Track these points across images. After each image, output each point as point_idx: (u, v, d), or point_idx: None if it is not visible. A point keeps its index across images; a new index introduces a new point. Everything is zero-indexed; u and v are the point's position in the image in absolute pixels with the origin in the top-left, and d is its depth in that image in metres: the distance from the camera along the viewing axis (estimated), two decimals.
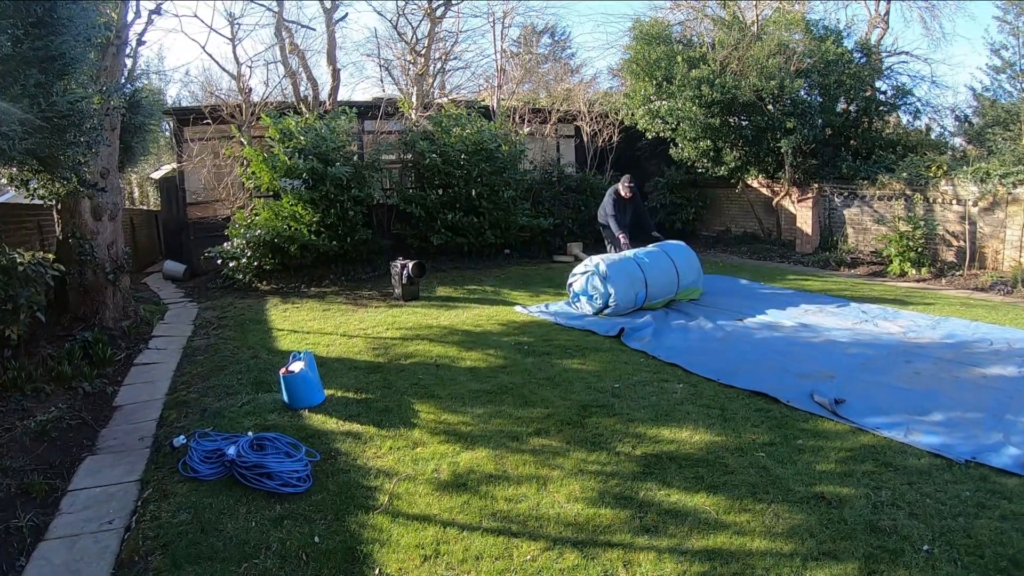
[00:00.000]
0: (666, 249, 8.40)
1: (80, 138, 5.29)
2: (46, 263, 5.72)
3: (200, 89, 20.67)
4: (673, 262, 8.20)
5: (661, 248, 8.42)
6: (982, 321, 6.96)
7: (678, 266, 8.21)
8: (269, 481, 3.59)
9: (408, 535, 3.12)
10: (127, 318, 7.54)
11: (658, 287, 7.91)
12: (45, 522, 3.36)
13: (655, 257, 8.13)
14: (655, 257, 8.13)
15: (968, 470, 3.56)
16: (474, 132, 11.88)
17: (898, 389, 4.87)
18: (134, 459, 4.11)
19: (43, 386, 5.11)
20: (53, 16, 4.58)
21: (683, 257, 8.40)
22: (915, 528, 2.99)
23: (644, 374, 5.47)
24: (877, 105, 12.92)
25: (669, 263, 8.16)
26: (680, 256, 8.39)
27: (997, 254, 9.75)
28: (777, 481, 3.50)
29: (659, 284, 7.93)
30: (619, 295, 7.52)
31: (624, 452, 3.96)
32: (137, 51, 7.94)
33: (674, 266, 8.16)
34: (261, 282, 10.56)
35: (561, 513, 3.28)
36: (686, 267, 8.31)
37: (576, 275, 8.06)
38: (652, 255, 8.15)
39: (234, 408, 4.88)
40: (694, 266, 8.44)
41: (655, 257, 8.13)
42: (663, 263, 8.11)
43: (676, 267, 8.17)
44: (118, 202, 7.68)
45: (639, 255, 8.08)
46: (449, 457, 3.97)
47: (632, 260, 7.93)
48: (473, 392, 5.11)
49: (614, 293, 7.52)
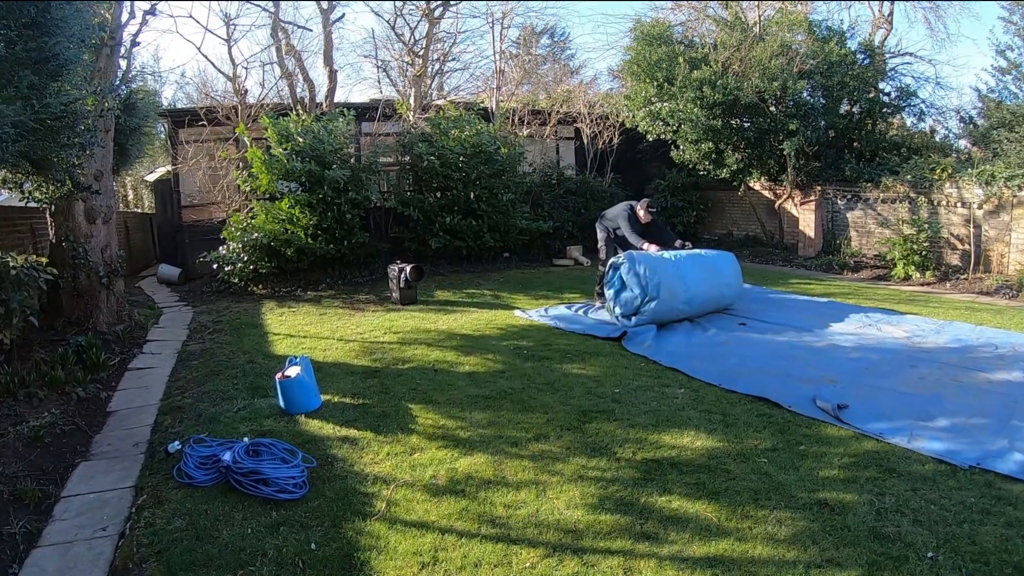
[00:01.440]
0: (716, 263, 7.72)
1: (74, 140, 5.30)
2: (39, 267, 5.73)
3: (195, 91, 20.80)
4: (720, 278, 7.64)
5: (714, 261, 7.72)
6: (987, 325, 6.97)
7: (725, 284, 7.68)
8: (265, 487, 3.59)
9: (406, 542, 3.12)
10: (121, 322, 7.55)
11: (701, 304, 7.40)
12: (38, 529, 3.35)
13: (706, 270, 7.47)
14: (706, 270, 7.47)
15: (973, 476, 3.57)
16: (473, 134, 11.90)
17: (902, 394, 4.88)
18: (128, 465, 4.11)
19: (36, 391, 5.11)
20: (47, 17, 4.60)
21: (732, 273, 7.82)
22: (919, 535, 2.99)
23: (645, 379, 5.48)
24: (881, 107, 12.97)
25: (716, 278, 7.57)
26: (730, 273, 7.79)
27: (1002, 257, 9.78)
28: (779, 487, 3.51)
29: (703, 301, 7.41)
30: (658, 305, 6.93)
31: (624, 458, 3.96)
32: (132, 52, 7.99)
33: (720, 282, 7.62)
34: (257, 286, 10.57)
35: (561, 520, 3.28)
36: (734, 282, 7.83)
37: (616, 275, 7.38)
38: (702, 265, 7.51)
39: (230, 413, 4.89)
40: (739, 281, 7.96)
41: (706, 270, 7.47)
42: (711, 278, 7.49)
43: (722, 284, 7.65)
44: (112, 205, 7.70)
45: (688, 265, 7.35)
46: (447, 463, 3.97)
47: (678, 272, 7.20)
48: (472, 397, 5.12)
49: (653, 303, 6.92)
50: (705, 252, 7.95)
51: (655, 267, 7.05)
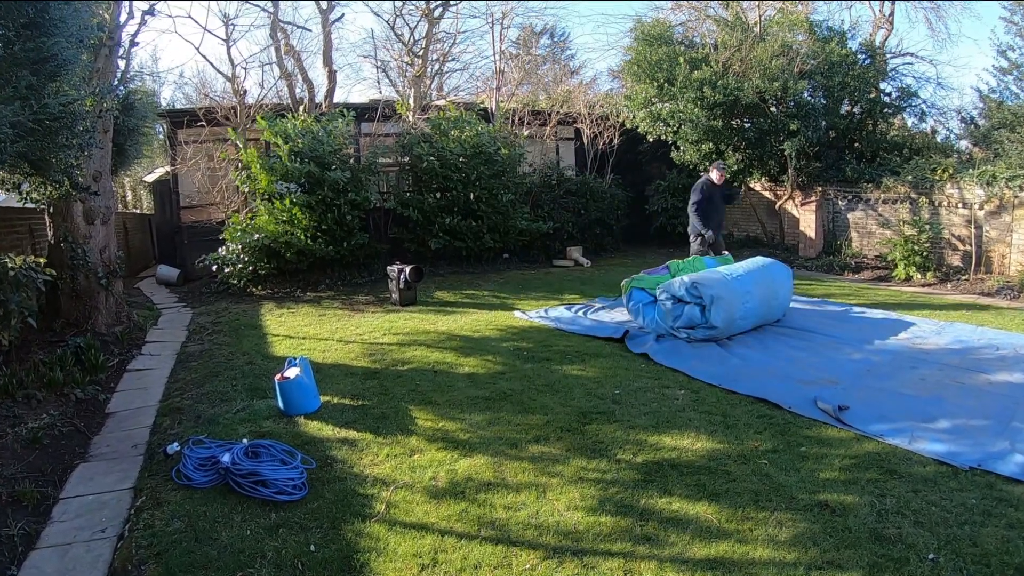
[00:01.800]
0: (772, 275, 7.23)
1: (72, 141, 5.31)
2: (37, 267, 5.73)
3: (194, 91, 20.83)
4: (776, 294, 7.18)
5: (767, 274, 7.20)
6: (988, 326, 6.98)
7: (778, 306, 7.29)
8: (264, 489, 3.59)
9: (405, 544, 3.13)
10: (120, 323, 7.56)
11: (755, 320, 7.00)
12: (37, 530, 3.36)
13: (759, 285, 6.96)
14: (759, 285, 6.96)
15: (974, 478, 3.57)
16: (472, 135, 11.92)
17: (903, 395, 4.88)
18: (127, 466, 4.12)
19: (35, 392, 5.11)
20: (45, 17, 4.60)
21: (786, 288, 7.39)
22: (920, 536, 3.00)
23: (645, 380, 5.49)
24: (882, 107, 12.98)
25: (771, 294, 7.10)
26: (784, 287, 7.34)
27: (1004, 258, 9.78)
28: (780, 489, 3.51)
29: (757, 317, 7.00)
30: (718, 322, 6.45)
31: (625, 459, 3.97)
32: (130, 52, 7.98)
33: (773, 297, 7.15)
34: (256, 287, 10.58)
35: (561, 521, 3.28)
36: (784, 298, 7.43)
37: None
38: (756, 281, 6.98)
39: (229, 415, 4.89)
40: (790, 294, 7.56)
41: (759, 285, 6.96)
42: (765, 293, 6.99)
43: (775, 303, 7.21)
44: (111, 206, 7.70)
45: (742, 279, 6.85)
46: (447, 464, 3.97)
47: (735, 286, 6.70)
48: (471, 399, 5.12)
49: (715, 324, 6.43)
50: (762, 263, 7.44)
51: (714, 284, 6.56)
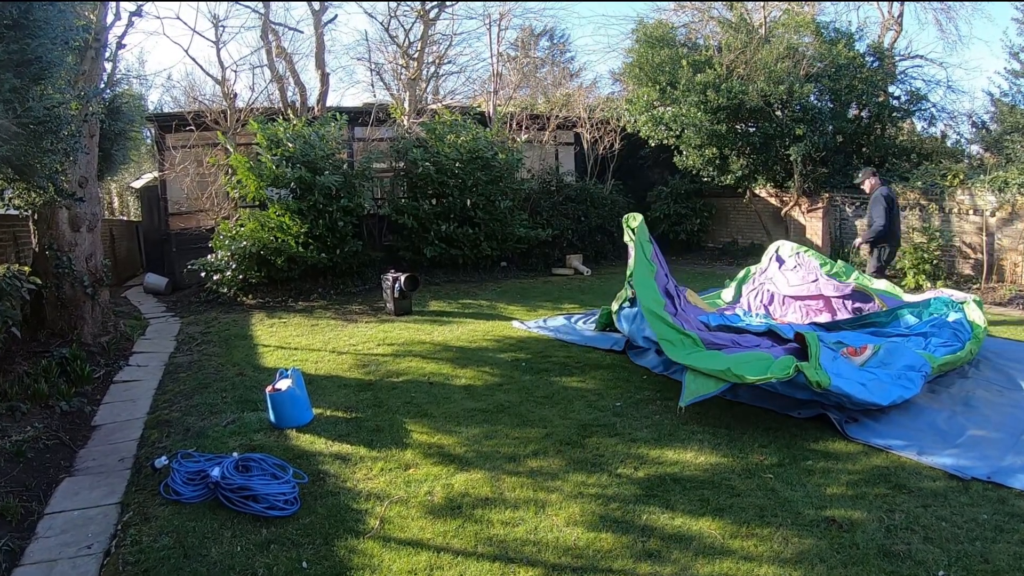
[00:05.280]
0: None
1: (57, 145, 5.33)
2: (22, 276, 5.75)
3: (183, 94, 20.89)
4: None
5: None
6: (999, 337, 7.01)
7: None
8: (255, 504, 3.61)
9: (400, 561, 3.14)
10: (106, 333, 7.56)
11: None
12: (21, 547, 3.37)
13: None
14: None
15: (986, 492, 3.60)
16: (469, 139, 11.98)
17: (912, 407, 4.90)
18: (114, 481, 4.13)
19: (18, 404, 5.12)
20: (29, 18, 4.63)
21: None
22: (930, 553, 3.02)
23: (647, 392, 5.51)
24: (890, 111, 13.07)
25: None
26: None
27: (1016, 267, 9.83)
28: (785, 504, 3.53)
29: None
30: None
31: (626, 474, 3.99)
32: (117, 55, 8.02)
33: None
34: (246, 296, 10.59)
35: (560, 538, 3.30)
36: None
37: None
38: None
39: (218, 428, 4.91)
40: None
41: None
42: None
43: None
44: (97, 212, 7.73)
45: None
46: (443, 479, 3.99)
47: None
48: (468, 411, 5.14)
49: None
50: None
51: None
